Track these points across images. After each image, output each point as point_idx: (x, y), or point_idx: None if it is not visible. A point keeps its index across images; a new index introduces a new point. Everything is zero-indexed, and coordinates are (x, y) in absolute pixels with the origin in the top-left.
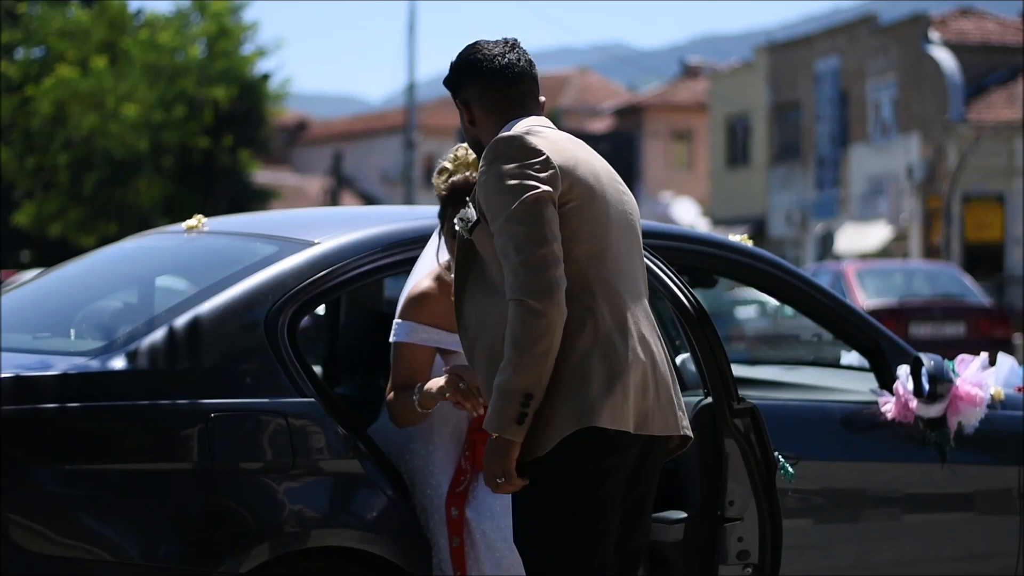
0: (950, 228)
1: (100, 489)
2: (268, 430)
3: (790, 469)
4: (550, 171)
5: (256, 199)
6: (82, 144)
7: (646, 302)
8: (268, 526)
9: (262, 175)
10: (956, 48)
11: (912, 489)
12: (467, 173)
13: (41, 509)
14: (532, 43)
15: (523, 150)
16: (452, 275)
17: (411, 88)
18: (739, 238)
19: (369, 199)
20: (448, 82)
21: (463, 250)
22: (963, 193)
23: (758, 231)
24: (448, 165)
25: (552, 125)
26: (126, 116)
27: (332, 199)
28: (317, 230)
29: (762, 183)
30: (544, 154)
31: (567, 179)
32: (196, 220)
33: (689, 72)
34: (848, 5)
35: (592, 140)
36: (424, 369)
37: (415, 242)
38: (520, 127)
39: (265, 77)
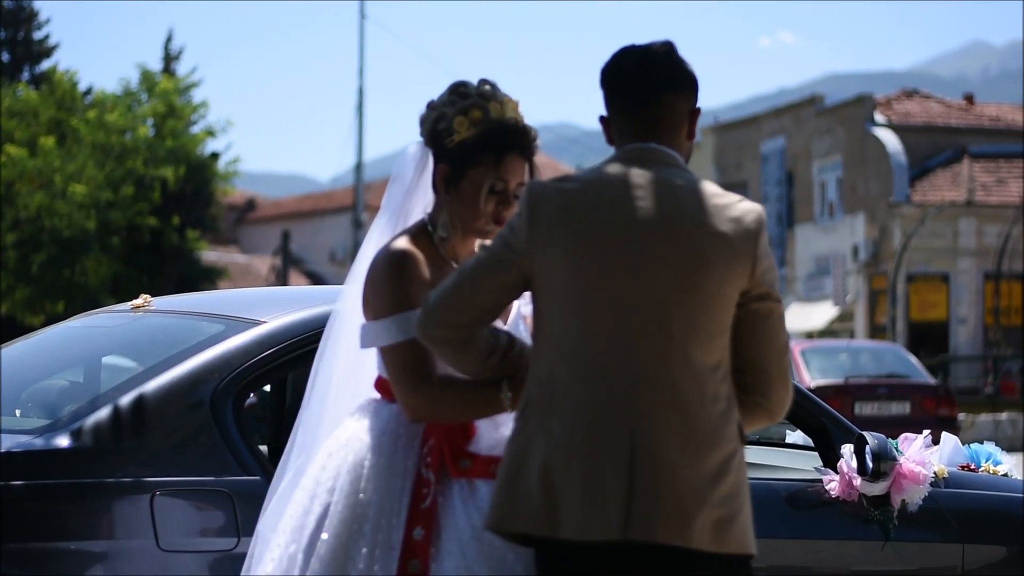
0: (895, 308)
1: (44, 568)
2: (213, 508)
3: None
4: (527, 230)
5: (204, 278)
6: (30, 223)
7: (670, 375)
8: None
9: (210, 254)
10: (901, 129)
11: (857, 567)
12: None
13: None
14: None
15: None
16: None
17: (359, 167)
18: None
19: (317, 279)
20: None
21: None
22: (908, 273)
23: None
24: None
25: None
26: (74, 195)
27: (280, 278)
28: (264, 309)
29: None
30: (534, 210)
31: (553, 242)
32: (142, 299)
33: None
34: (794, 86)
35: None
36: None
37: None
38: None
39: (214, 156)
